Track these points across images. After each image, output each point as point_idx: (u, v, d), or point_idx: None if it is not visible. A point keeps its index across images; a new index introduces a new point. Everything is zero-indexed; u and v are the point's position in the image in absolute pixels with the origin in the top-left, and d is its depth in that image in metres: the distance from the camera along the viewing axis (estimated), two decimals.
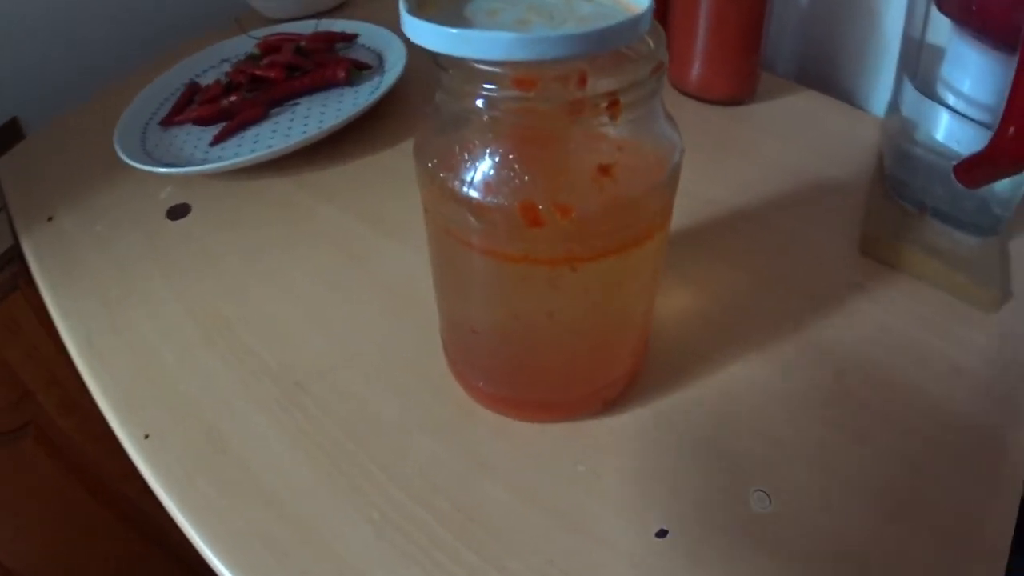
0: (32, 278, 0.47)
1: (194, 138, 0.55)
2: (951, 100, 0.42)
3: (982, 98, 0.40)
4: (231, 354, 0.39)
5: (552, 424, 0.35)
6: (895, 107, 0.47)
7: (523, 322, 0.29)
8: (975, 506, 0.31)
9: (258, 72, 0.59)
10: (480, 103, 0.23)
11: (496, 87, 0.22)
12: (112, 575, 0.71)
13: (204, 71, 0.63)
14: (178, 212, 0.50)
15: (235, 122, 0.55)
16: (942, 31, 0.43)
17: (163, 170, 0.49)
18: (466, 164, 0.24)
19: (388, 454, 0.34)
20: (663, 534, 0.30)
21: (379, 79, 0.59)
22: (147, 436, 0.36)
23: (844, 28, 0.59)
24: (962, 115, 0.41)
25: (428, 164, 0.26)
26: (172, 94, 0.60)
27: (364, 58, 0.62)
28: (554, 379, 0.33)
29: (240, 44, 0.65)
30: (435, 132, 0.27)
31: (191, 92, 0.59)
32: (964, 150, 0.40)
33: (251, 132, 0.55)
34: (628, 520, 0.31)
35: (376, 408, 0.36)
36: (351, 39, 0.65)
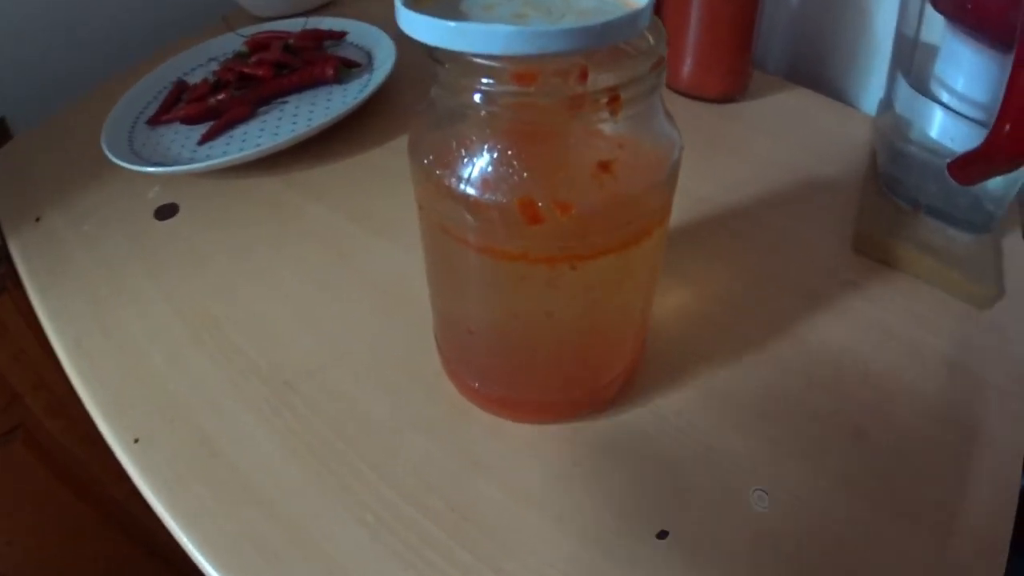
0: (20, 280, 0.46)
1: (182, 137, 0.54)
2: (945, 97, 0.42)
3: (976, 96, 0.40)
4: (220, 354, 0.39)
5: (548, 425, 0.34)
6: (889, 105, 0.47)
7: (521, 321, 0.29)
8: (974, 503, 0.31)
9: (246, 70, 0.58)
10: (478, 98, 0.23)
11: (494, 82, 0.22)
12: None
13: (192, 70, 0.62)
14: (166, 212, 0.49)
15: (223, 121, 0.54)
16: (936, 29, 0.43)
17: (151, 169, 0.49)
18: (463, 160, 0.24)
19: (379, 454, 0.33)
20: (663, 535, 0.30)
21: (368, 77, 0.58)
22: (136, 440, 0.35)
23: (835, 27, 0.59)
24: (956, 112, 0.41)
25: (423, 161, 0.25)
26: (159, 93, 0.59)
27: (353, 56, 0.61)
28: (552, 379, 0.32)
29: (228, 42, 0.64)
30: (430, 128, 0.26)
31: (179, 91, 0.59)
32: (958, 147, 0.40)
33: (239, 131, 0.54)
34: (628, 521, 0.31)
35: (367, 407, 0.36)
36: (340, 37, 0.64)
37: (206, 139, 0.53)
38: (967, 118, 0.41)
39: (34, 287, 0.45)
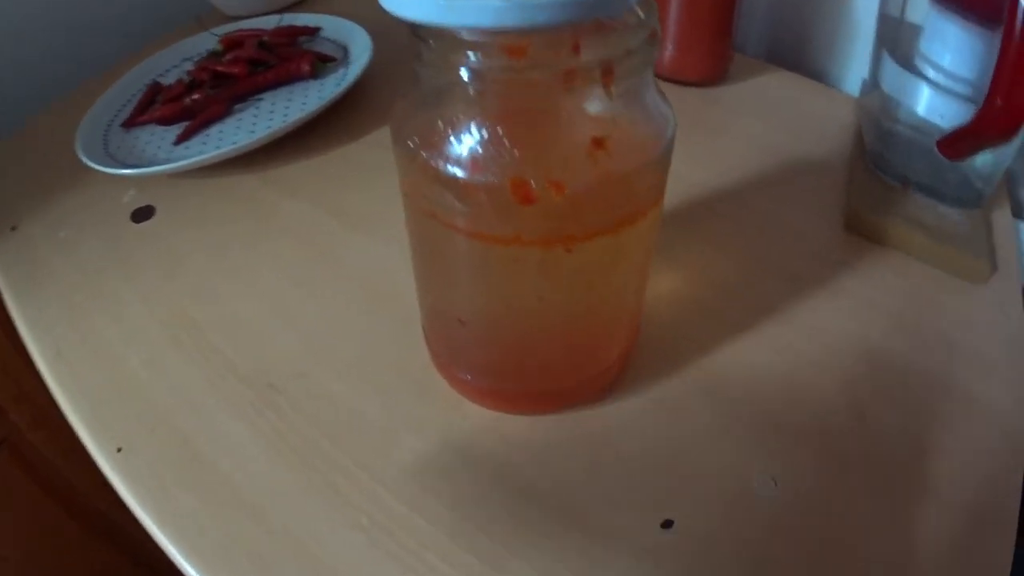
0: None
1: (157, 138, 0.53)
2: (931, 75, 0.42)
3: (963, 72, 0.40)
4: (201, 357, 0.37)
5: (544, 416, 0.34)
6: (875, 84, 0.47)
7: (514, 309, 0.28)
8: (979, 479, 0.31)
9: (221, 68, 0.57)
10: (466, 75, 0.22)
11: (484, 57, 0.21)
12: None
13: (166, 71, 0.61)
14: (142, 214, 0.48)
15: (198, 120, 0.53)
16: (920, 7, 0.42)
17: (126, 171, 0.47)
18: (450, 141, 0.23)
19: (370, 454, 0.32)
20: (669, 524, 0.29)
21: (344, 72, 0.57)
22: (119, 449, 0.34)
23: (815, 8, 0.58)
24: (944, 89, 0.41)
25: (408, 144, 0.24)
26: (134, 95, 0.57)
27: (328, 51, 0.60)
28: (547, 368, 0.31)
29: (202, 42, 0.62)
30: (414, 110, 0.25)
31: (153, 92, 0.57)
32: (947, 124, 0.40)
33: (215, 129, 0.53)
34: (632, 512, 0.30)
35: (355, 407, 0.34)
36: (314, 32, 0.63)
37: (182, 139, 0.52)
38: (955, 94, 0.40)
39: (12, 297, 0.43)
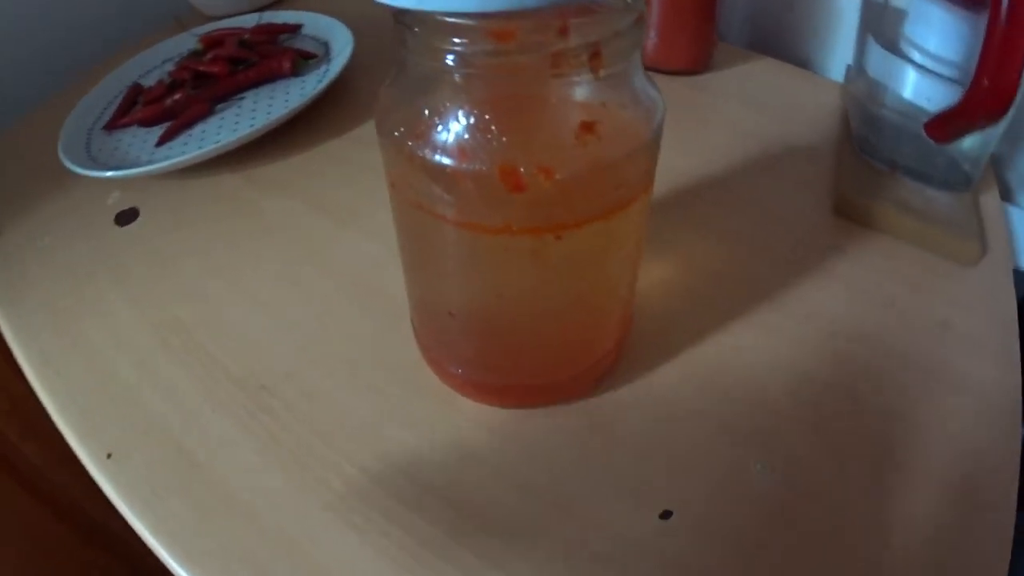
0: None
1: (139, 140, 0.52)
2: (917, 58, 0.42)
3: (949, 55, 0.40)
4: (191, 359, 0.37)
5: (538, 409, 0.33)
6: (860, 69, 0.47)
7: (505, 300, 0.27)
8: (975, 459, 0.31)
9: (201, 68, 0.56)
10: (452, 60, 0.21)
11: (470, 41, 0.21)
12: None
13: (147, 72, 0.60)
14: (126, 217, 0.47)
15: (180, 120, 0.52)
16: None
17: (109, 174, 0.47)
18: (437, 129, 0.23)
19: (364, 454, 0.32)
20: (667, 515, 0.29)
21: (325, 68, 0.57)
22: (109, 455, 0.33)
23: None
24: (930, 72, 0.41)
25: (394, 134, 0.24)
26: (115, 98, 0.57)
27: (309, 48, 0.59)
28: (539, 360, 0.31)
29: (182, 43, 0.62)
30: (399, 99, 0.25)
31: (134, 94, 0.56)
32: (934, 107, 0.40)
33: (197, 129, 0.52)
34: (630, 504, 0.29)
35: (347, 407, 0.34)
36: (295, 30, 0.62)
37: (164, 140, 0.51)
38: (941, 77, 0.40)
39: None
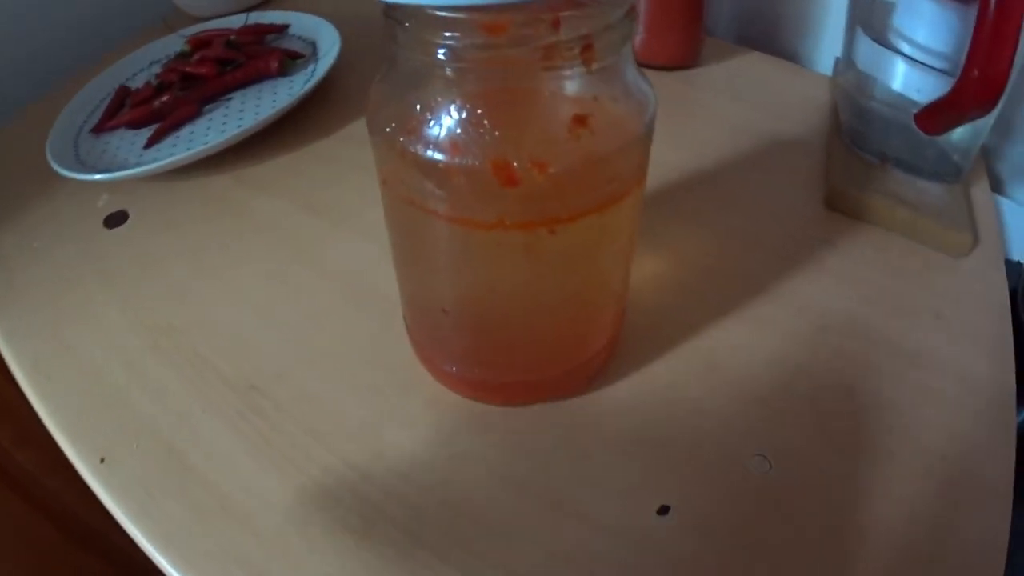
0: None
1: (128, 143, 0.52)
2: (907, 50, 0.42)
3: (938, 46, 0.40)
4: (182, 361, 0.37)
5: (532, 406, 0.33)
6: (849, 62, 0.47)
7: (499, 295, 0.27)
8: (972, 449, 0.31)
9: (189, 69, 0.56)
10: (443, 54, 0.21)
11: (462, 35, 0.20)
12: None
13: (134, 74, 0.59)
14: (116, 220, 0.46)
15: (168, 122, 0.51)
16: None
17: (98, 177, 0.46)
18: (428, 124, 0.22)
19: (359, 454, 0.32)
20: (665, 511, 0.29)
21: (313, 67, 0.56)
22: (102, 460, 0.33)
23: None
24: (920, 64, 0.41)
25: (385, 130, 0.24)
26: (102, 101, 0.56)
27: (297, 48, 0.59)
28: (533, 357, 0.31)
29: (169, 44, 0.61)
30: (390, 95, 0.24)
31: (122, 96, 0.56)
32: (924, 99, 0.40)
33: (185, 131, 0.52)
34: (626, 500, 0.29)
35: (340, 407, 0.34)
36: (282, 30, 0.62)
37: (152, 142, 0.50)
38: (931, 68, 0.40)
39: None
